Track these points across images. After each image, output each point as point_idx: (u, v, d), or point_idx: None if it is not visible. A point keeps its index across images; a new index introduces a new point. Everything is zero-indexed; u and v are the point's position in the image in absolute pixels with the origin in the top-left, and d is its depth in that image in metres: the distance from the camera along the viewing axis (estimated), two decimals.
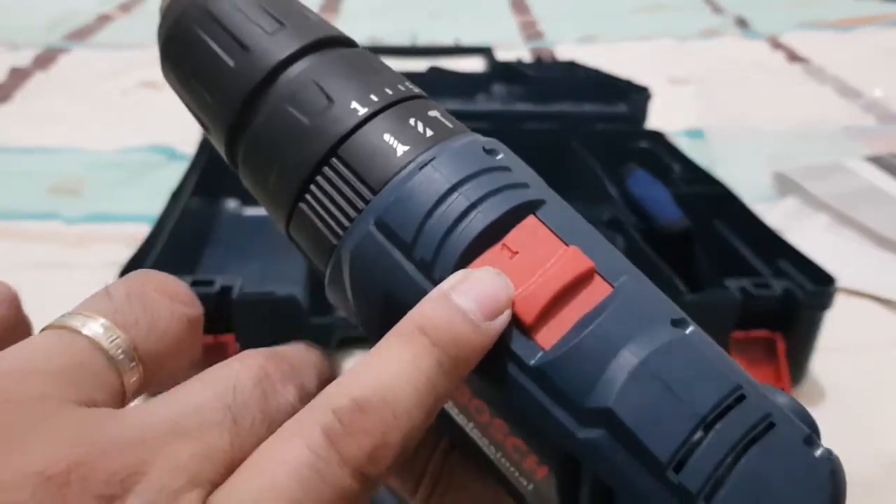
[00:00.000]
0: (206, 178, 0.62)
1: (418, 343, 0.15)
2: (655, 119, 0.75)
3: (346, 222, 0.17)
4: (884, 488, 0.43)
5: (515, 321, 0.16)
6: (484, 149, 0.18)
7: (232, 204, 0.68)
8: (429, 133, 0.18)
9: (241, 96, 0.18)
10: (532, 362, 0.15)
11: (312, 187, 0.17)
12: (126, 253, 0.48)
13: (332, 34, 0.19)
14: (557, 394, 0.15)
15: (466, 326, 0.16)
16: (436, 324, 0.16)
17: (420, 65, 0.81)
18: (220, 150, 0.20)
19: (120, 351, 0.16)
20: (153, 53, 0.82)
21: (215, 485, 0.14)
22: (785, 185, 0.72)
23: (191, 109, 0.20)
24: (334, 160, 0.17)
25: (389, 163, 0.17)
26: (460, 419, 0.17)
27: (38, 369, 0.14)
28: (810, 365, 0.47)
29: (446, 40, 0.98)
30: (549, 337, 0.16)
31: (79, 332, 0.16)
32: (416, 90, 0.19)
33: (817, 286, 0.46)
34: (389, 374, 0.15)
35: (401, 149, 0.17)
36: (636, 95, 0.75)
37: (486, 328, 0.16)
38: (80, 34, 1.19)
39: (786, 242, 0.51)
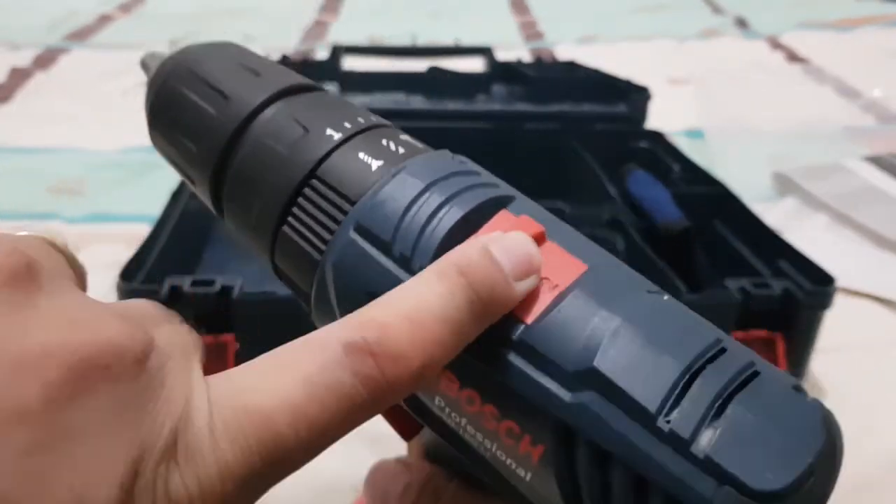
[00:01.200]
0: None
1: (455, 280, 0.16)
2: (655, 119, 0.75)
3: (327, 236, 0.18)
4: (884, 487, 0.43)
5: None
6: (452, 157, 0.19)
7: None
8: (401, 151, 0.19)
9: (223, 140, 0.19)
10: (515, 336, 0.16)
11: (294, 209, 0.18)
12: (126, 253, 0.48)
13: (304, 82, 0.21)
14: (543, 363, 0.15)
15: (501, 278, 0.16)
16: (475, 267, 0.16)
17: (420, 65, 0.81)
18: (207, 200, 0.21)
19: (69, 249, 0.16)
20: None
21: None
22: (784, 185, 0.72)
23: (178, 167, 0.21)
24: (314, 181, 0.18)
25: (365, 176, 0.18)
26: (453, 420, 0.17)
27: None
28: (810, 365, 0.47)
29: (446, 40, 0.98)
30: (530, 311, 0.16)
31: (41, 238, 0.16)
32: (386, 122, 0.20)
33: (817, 286, 0.46)
34: (420, 302, 0.15)
35: (375, 164, 0.18)
36: (636, 95, 0.75)
37: (515, 286, 0.16)
38: (81, 34, 1.20)
39: (785, 242, 0.51)
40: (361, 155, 0.18)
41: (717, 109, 0.87)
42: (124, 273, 0.44)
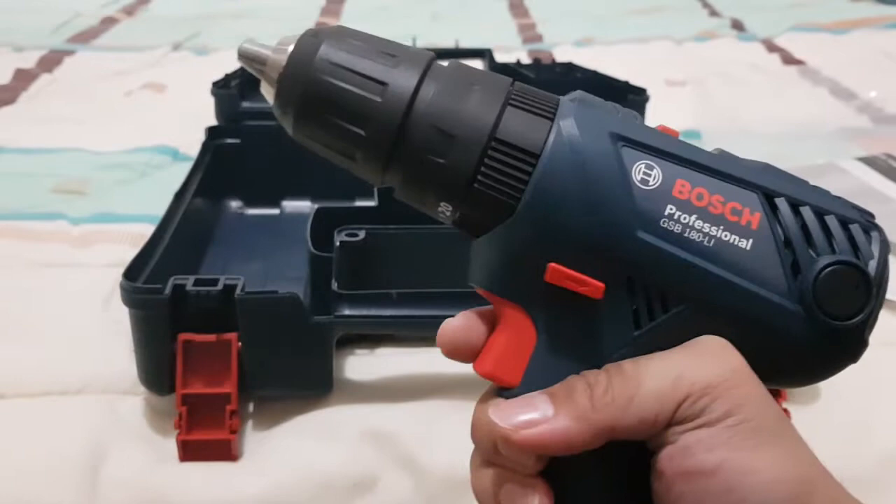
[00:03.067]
0: (210, 179, 0.63)
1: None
2: (653, 120, 0.76)
3: (553, 109, 0.24)
4: (880, 486, 0.43)
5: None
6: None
7: (234, 204, 0.68)
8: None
9: (397, 118, 0.23)
10: (709, 159, 0.24)
11: (511, 103, 0.24)
12: (130, 253, 0.49)
13: (433, 53, 0.25)
14: (735, 173, 0.24)
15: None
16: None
17: None
18: (374, 167, 0.24)
19: None
20: (157, 55, 0.83)
21: None
22: None
23: (337, 150, 0.24)
24: (514, 89, 0.24)
25: (551, 97, 0.25)
26: (680, 223, 0.23)
27: None
28: None
29: (446, 42, 0.99)
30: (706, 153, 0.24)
31: None
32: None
33: None
34: None
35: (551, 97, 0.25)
36: (634, 97, 0.75)
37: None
38: (85, 36, 1.20)
39: None
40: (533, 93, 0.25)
41: (713, 110, 0.88)
42: (128, 272, 0.45)
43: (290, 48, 0.24)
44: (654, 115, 0.76)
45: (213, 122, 0.72)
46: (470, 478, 0.25)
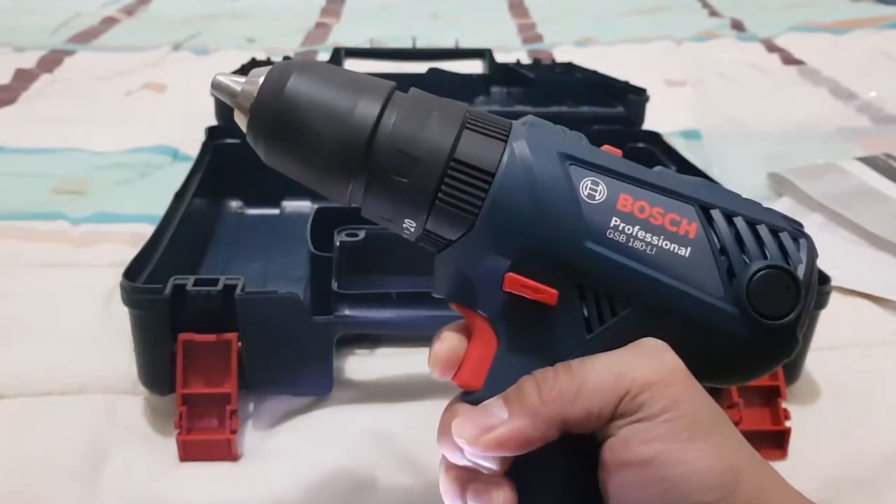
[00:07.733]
0: (209, 179, 0.63)
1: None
2: (652, 120, 0.76)
3: (505, 131, 0.26)
4: (879, 486, 0.43)
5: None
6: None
7: (234, 204, 0.68)
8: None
9: (363, 143, 0.25)
10: (652, 176, 0.26)
11: (467, 127, 0.26)
12: (130, 253, 0.49)
13: (393, 84, 0.26)
14: (677, 189, 0.26)
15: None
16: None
17: (420, 67, 0.82)
18: (341, 189, 0.26)
19: None
20: (157, 55, 0.83)
21: None
22: (780, 185, 0.72)
23: (305, 173, 0.26)
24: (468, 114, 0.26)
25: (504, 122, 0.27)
26: (625, 233, 0.25)
27: None
28: (805, 363, 0.47)
29: (446, 42, 0.99)
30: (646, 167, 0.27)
31: None
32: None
33: None
34: None
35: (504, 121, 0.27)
36: (634, 97, 0.75)
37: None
38: (85, 37, 1.20)
39: None
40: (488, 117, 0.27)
41: (713, 111, 0.88)
42: (128, 272, 0.45)
43: (261, 80, 0.25)
44: (654, 115, 0.76)
45: (213, 122, 0.72)
46: (439, 480, 0.27)
